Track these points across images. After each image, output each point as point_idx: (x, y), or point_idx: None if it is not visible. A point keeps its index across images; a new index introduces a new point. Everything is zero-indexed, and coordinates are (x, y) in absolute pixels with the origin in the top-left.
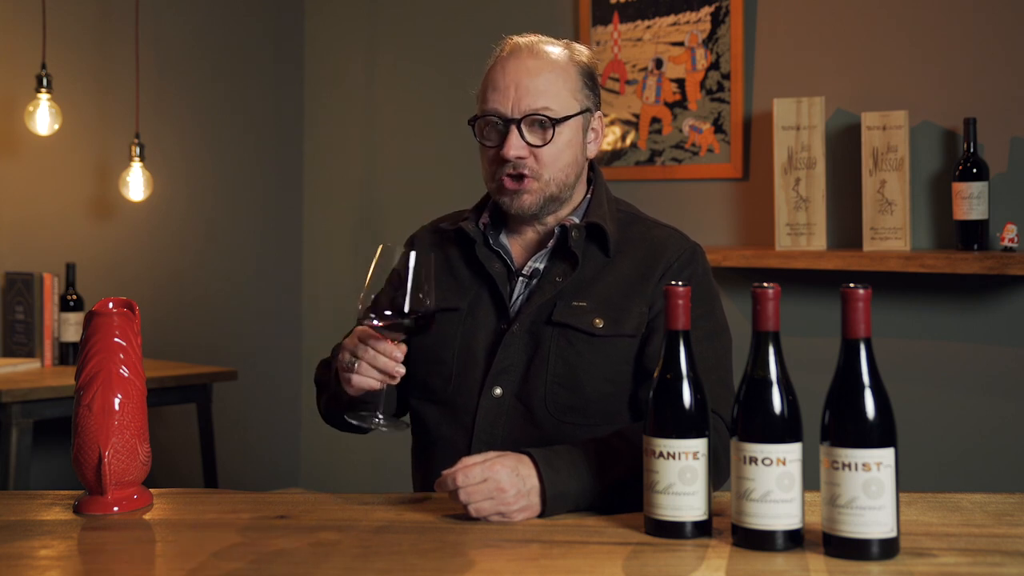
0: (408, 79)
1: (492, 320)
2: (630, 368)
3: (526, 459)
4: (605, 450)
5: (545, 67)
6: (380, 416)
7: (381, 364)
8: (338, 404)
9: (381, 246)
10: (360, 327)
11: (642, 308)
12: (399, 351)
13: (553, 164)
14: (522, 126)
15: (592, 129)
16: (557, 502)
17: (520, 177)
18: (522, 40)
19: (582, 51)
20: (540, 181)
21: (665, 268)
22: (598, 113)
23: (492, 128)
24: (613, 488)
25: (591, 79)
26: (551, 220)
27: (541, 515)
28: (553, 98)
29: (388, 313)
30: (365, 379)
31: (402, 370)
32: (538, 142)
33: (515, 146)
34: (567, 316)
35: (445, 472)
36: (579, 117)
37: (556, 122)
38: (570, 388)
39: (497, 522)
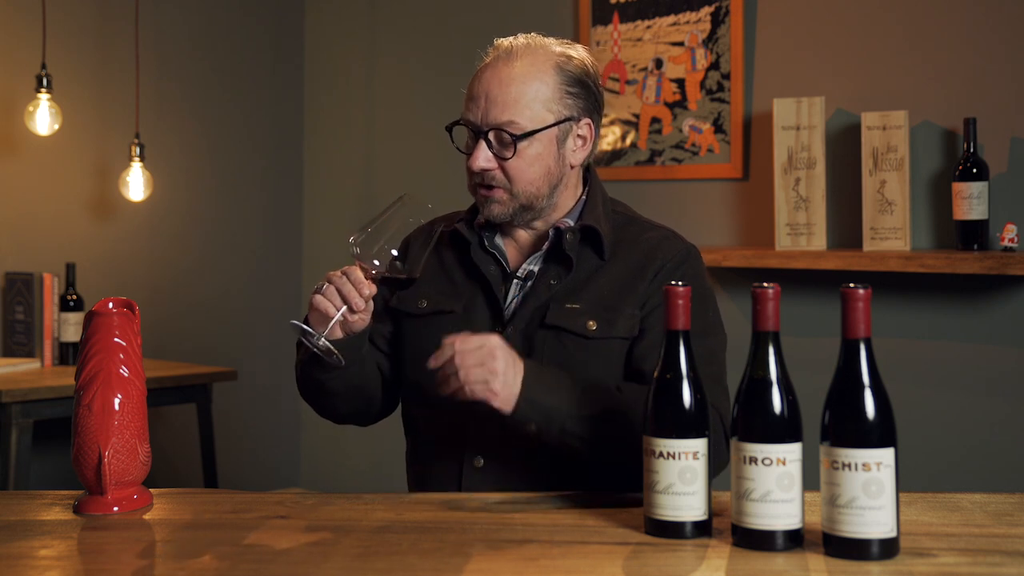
0: (408, 79)
1: (487, 323)
2: (623, 370)
3: (520, 362)
4: (591, 386)
5: (519, 77)
6: (324, 339)
7: (346, 290)
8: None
9: (403, 195)
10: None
11: (634, 310)
12: (368, 287)
13: (520, 177)
14: (490, 137)
15: (578, 136)
16: (528, 406)
17: (489, 186)
18: (508, 44)
19: (576, 55)
20: (508, 192)
21: (658, 269)
22: (585, 120)
23: (468, 135)
24: (590, 420)
25: (579, 85)
26: (542, 224)
27: (510, 413)
28: (522, 110)
29: (373, 250)
30: (325, 301)
31: (362, 304)
32: (504, 155)
33: (480, 159)
34: (560, 319)
35: (445, 341)
36: (553, 129)
37: (518, 138)
38: None
39: (480, 391)
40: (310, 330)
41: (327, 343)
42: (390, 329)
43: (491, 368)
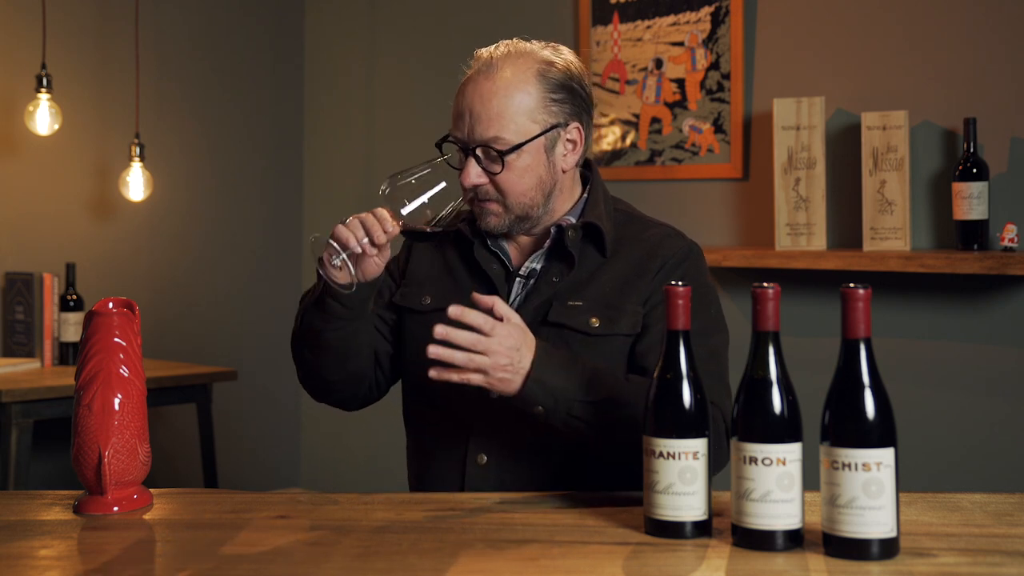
0: (408, 79)
1: None
2: (626, 367)
3: (531, 339)
4: (600, 372)
5: (501, 90)
6: (343, 256)
7: (369, 223)
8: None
9: (440, 159)
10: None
11: (637, 307)
12: (392, 224)
13: (512, 190)
14: (478, 154)
15: (568, 141)
16: (536, 387)
17: (484, 199)
18: (487, 55)
19: (558, 59)
20: (502, 204)
21: (660, 266)
22: (574, 125)
23: (458, 151)
24: (597, 406)
25: (563, 90)
26: (543, 223)
27: (516, 393)
28: (506, 124)
29: (402, 195)
30: (347, 231)
31: (383, 238)
32: (493, 169)
33: (471, 175)
34: (563, 316)
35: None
36: (540, 139)
37: (504, 153)
38: None
39: (496, 386)
40: (334, 244)
41: (344, 258)
42: (393, 319)
43: (515, 365)
